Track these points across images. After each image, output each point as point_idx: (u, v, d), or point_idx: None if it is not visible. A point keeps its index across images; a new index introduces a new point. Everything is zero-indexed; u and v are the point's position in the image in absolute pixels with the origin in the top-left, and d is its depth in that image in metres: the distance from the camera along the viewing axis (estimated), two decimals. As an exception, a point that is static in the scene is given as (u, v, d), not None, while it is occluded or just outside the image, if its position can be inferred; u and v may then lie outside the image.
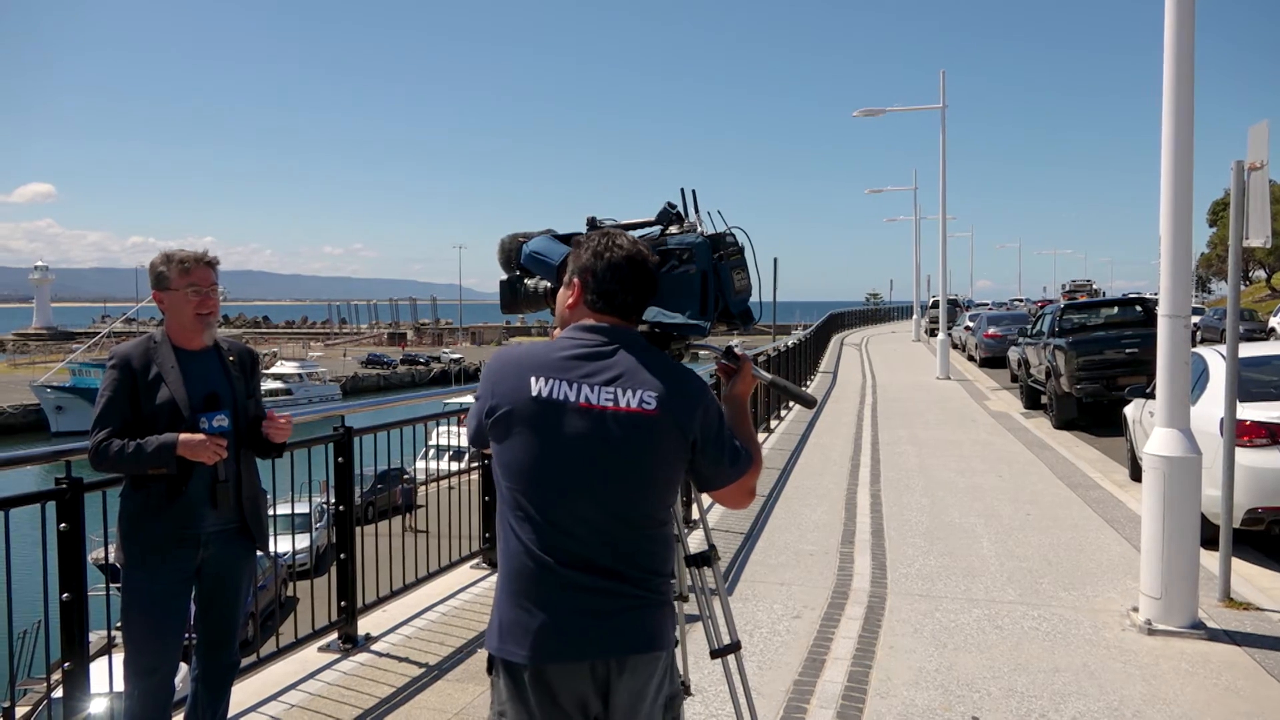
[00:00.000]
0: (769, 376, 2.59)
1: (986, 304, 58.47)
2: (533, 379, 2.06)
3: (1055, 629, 5.18)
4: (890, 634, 5.13)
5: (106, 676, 3.54)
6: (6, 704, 3.62)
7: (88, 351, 64.83)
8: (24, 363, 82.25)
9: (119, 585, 3.29)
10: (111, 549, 3.31)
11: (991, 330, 25.89)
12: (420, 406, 7.25)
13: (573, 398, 2.04)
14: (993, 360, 24.33)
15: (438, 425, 7.21)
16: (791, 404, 14.95)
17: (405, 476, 9.38)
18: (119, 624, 3.40)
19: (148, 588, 3.22)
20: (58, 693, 3.47)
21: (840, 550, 6.90)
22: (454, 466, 7.48)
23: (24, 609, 3.48)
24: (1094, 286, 54.34)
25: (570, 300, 2.20)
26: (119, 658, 3.36)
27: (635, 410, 2.04)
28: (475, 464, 6.72)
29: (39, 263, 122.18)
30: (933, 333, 32.94)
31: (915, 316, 40.76)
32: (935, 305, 34.15)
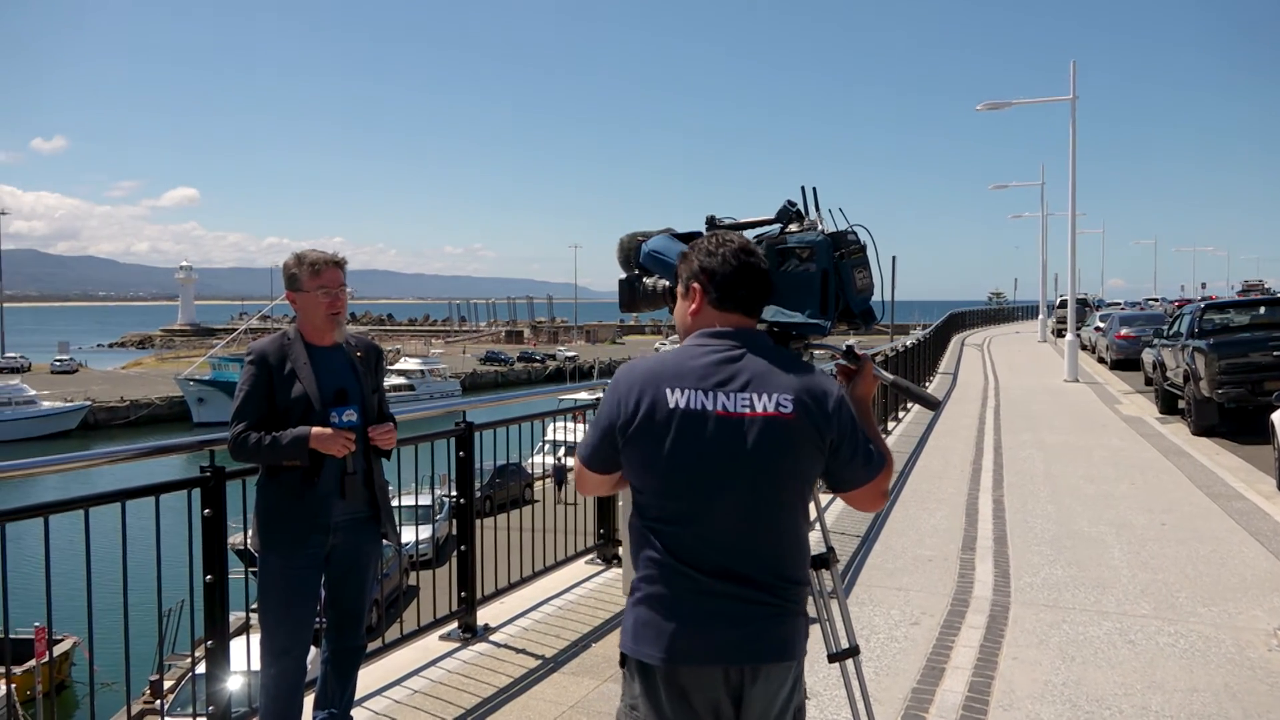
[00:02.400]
0: (890, 377, 2.53)
1: (1119, 304, 55.83)
2: (668, 390, 2.04)
3: (1193, 646, 4.91)
4: (1014, 645, 4.96)
5: (244, 655, 3.73)
6: (155, 676, 3.86)
7: (226, 347, 68.43)
8: (170, 357, 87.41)
9: (249, 570, 3.47)
10: (245, 535, 3.49)
11: (1124, 331, 24.71)
12: (536, 403, 7.38)
13: (710, 406, 2.02)
14: (1125, 363, 23.25)
15: (554, 421, 7.32)
16: (909, 406, 14.61)
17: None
18: (254, 606, 3.58)
19: (282, 573, 3.38)
20: (200, 668, 3.69)
21: (960, 556, 6.71)
22: (569, 461, 7.58)
23: (169, 589, 3.70)
24: (1265, 286, 50.98)
25: (692, 307, 2.18)
26: (255, 638, 3.54)
27: (772, 414, 2.02)
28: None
29: (184, 263, 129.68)
30: (1060, 333, 31.63)
31: (1041, 316, 39.23)
32: (1063, 305, 32.78)
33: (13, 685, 15.41)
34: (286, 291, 3.51)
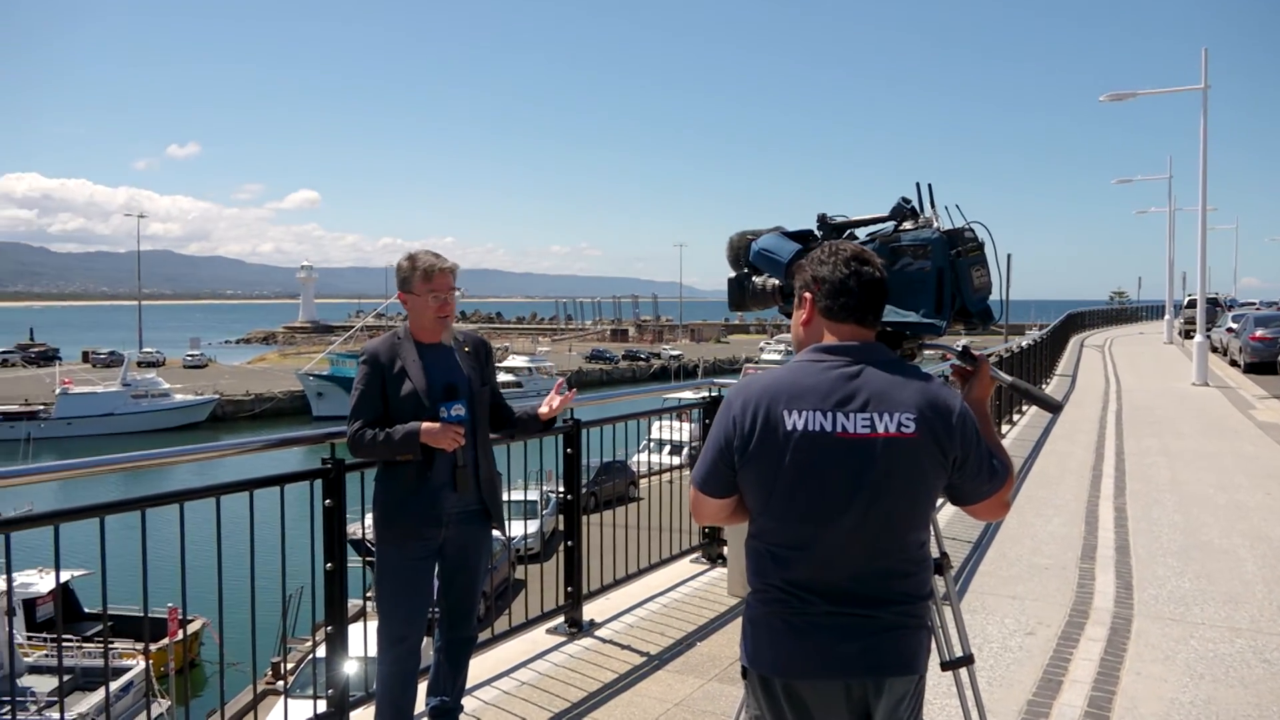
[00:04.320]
0: (1008, 378, 2.46)
1: (1253, 303, 52.77)
2: (785, 412, 1.98)
3: (1337, 668, 4.61)
4: (1137, 659, 4.75)
5: (362, 641, 3.86)
6: (277, 658, 4.03)
7: (344, 344, 70.91)
8: (291, 353, 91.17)
9: (365, 560, 3.59)
10: (356, 526, 3.61)
11: (1259, 332, 23.32)
12: (641, 401, 7.42)
13: (829, 428, 1.96)
14: (1260, 365, 21.99)
15: (658, 420, 7.35)
16: (1024, 408, 14.15)
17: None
18: (369, 594, 3.71)
19: (398, 563, 3.49)
20: (320, 652, 3.83)
21: (1079, 566, 6.46)
22: (673, 460, 7.60)
23: (291, 575, 3.86)
24: None
25: (804, 318, 2.13)
26: (372, 625, 3.66)
27: (895, 435, 1.96)
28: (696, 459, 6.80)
29: (304, 263, 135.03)
30: (1188, 334, 30.10)
31: (1168, 317, 37.41)
32: (1192, 304, 31.19)
33: (150, 661, 16.33)
34: (399, 292, 3.62)
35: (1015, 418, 13.62)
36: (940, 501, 2.23)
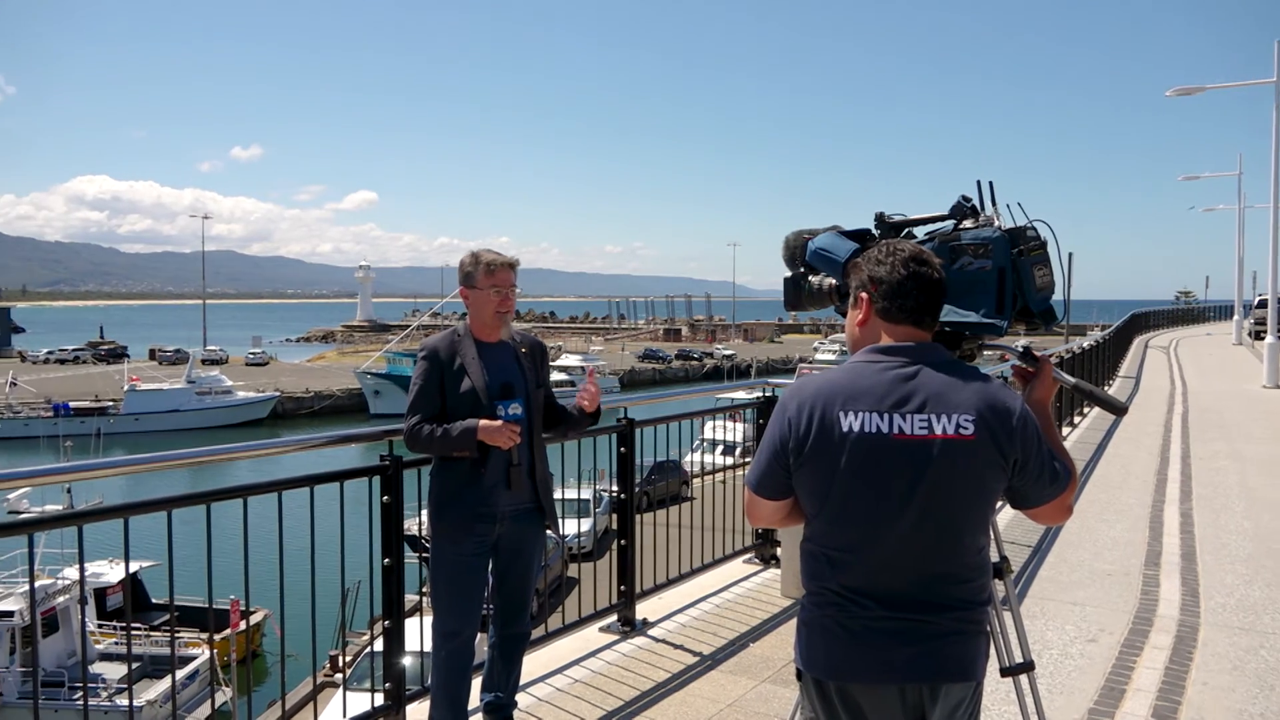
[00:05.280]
0: (1071, 379, 2.41)
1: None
2: (841, 414, 1.96)
3: None
4: (1204, 669, 4.62)
5: (418, 635, 3.91)
6: (334, 651, 4.11)
7: (400, 342, 71.97)
8: (349, 351, 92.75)
9: (420, 555, 3.64)
10: (411, 523, 3.65)
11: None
12: (694, 401, 7.39)
13: (886, 429, 1.94)
14: (1336, 368, 21.22)
15: (712, 419, 7.33)
16: (1085, 410, 13.86)
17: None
18: (425, 590, 3.75)
19: (452, 559, 3.53)
20: (377, 645, 3.89)
21: (1144, 572, 6.30)
22: (726, 460, 7.58)
23: (348, 570, 3.92)
24: None
25: (860, 318, 2.11)
26: (428, 620, 3.71)
27: (953, 437, 1.93)
28: (748, 459, 6.77)
29: (362, 263, 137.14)
30: (1259, 335, 29.16)
31: (1237, 317, 36.30)
32: (1262, 304, 30.22)
33: (214, 650, 16.74)
34: (461, 288, 3.65)
35: (1076, 420, 13.34)
36: (1000, 504, 2.19)
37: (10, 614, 17.45)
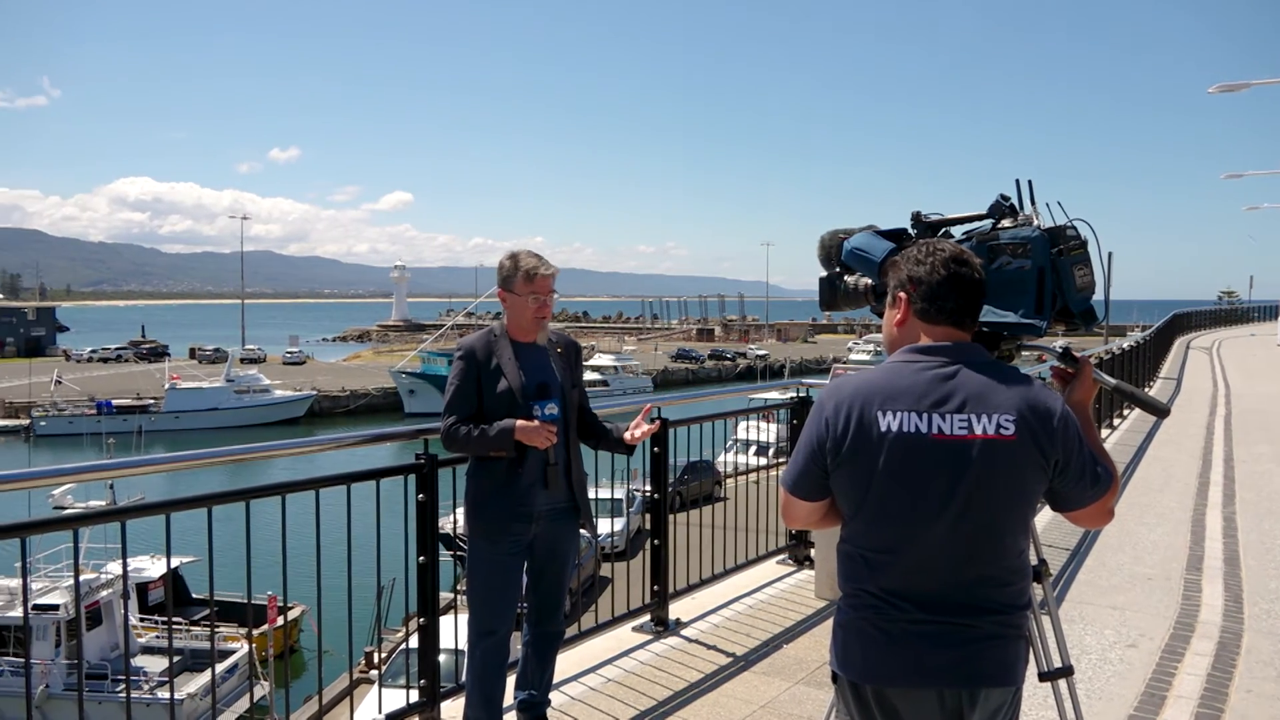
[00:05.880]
0: (1112, 381, 2.38)
1: (1377, 303, 49.82)
2: (879, 413, 1.94)
3: None
4: (1248, 676, 4.53)
5: (453, 633, 3.94)
6: (369, 648, 4.15)
7: (435, 342, 72.50)
8: (385, 351, 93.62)
9: (454, 554, 3.66)
10: (447, 521, 3.67)
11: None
12: (727, 401, 7.37)
13: (924, 429, 1.92)
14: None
15: (745, 420, 7.31)
16: (1126, 412, 13.65)
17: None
18: (460, 588, 3.78)
19: (488, 558, 3.55)
20: (413, 642, 3.93)
21: (1185, 577, 6.19)
22: (759, 460, 7.55)
23: (384, 567, 3.95)
24: None
25: (898, 318, 2.09)
26: (463, 618, 3.73)
27: (993, 437, 1.91)
28: (781, 459, 6.75)
29: (398, 263, 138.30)
30: (1305, 336, 28.57)
31: (1283, 317, 35.63)
32: (1310, 304, 29.61)
33: (252, 645, 16.97)
34: (499, 290, 3.66)
35: (1116, 422, 13.15)
36: (1039, 505, 2.16)
37: (55, 607, 17.79)
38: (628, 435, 3.77)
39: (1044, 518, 6.92)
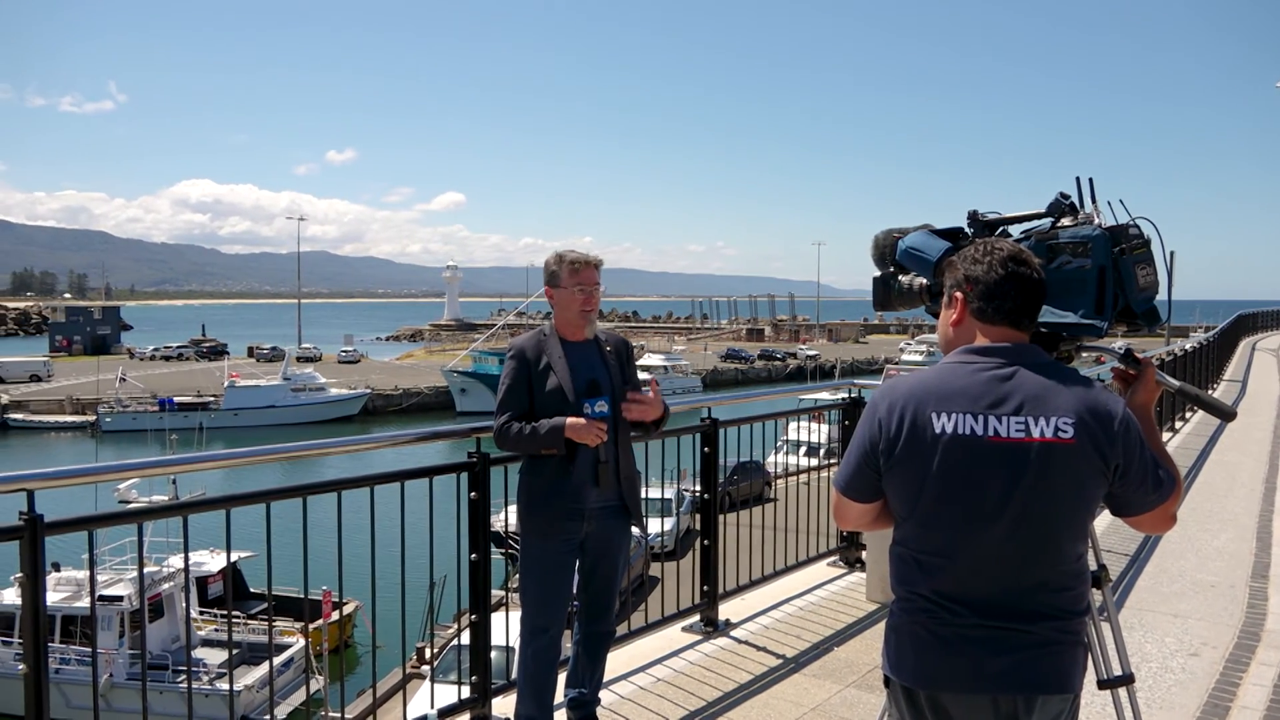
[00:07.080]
0: (1176, 383, 2.32)
1: None
2: (934, 415, 1.91)
3: None
4: (1317, 688, 4.39)
5: (504, 630, 3.97)
6: (421, 643, 4.20)
7: (486, 341, 73.09)
8: (437, 350, 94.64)
9: (505, 551, 3.67)
10: (499, 519, 3.68)
11: None
12: (777, 402, 7.33)
13: (980, 431, 1.88)
14: None
15: (795, 420, 7.26)
16: (1188, 415, 13.31)
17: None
18: (511, 585, 3.80)
19: (540, 555, 3.57)
20: (464, 638, 3.96)
21: (1250, 585, 6.02)
22: (809, 461, 7.50)
23: (436, 564, 3.99)
24: None
25: (954, 318, 2.05)
26: (515, 615, 3.76)
27: (1051, 440, 1.86)
28: (832, 460, 6.69)
29: (450, 263, 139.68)
30: (1379, 337, 27.60)
31: (1356, 318, 34.46)
32: (1384, 305, 28.61)
33: (308, 639, 17.28)
34: (546, 287, 3.69)
35: (1178, 425, 12.83)
36: (1099, 509, 2.12)
37: (120, 598, 18.28)
38: (629, 415, 3.60)
39: (1103, 521, 6.78)
